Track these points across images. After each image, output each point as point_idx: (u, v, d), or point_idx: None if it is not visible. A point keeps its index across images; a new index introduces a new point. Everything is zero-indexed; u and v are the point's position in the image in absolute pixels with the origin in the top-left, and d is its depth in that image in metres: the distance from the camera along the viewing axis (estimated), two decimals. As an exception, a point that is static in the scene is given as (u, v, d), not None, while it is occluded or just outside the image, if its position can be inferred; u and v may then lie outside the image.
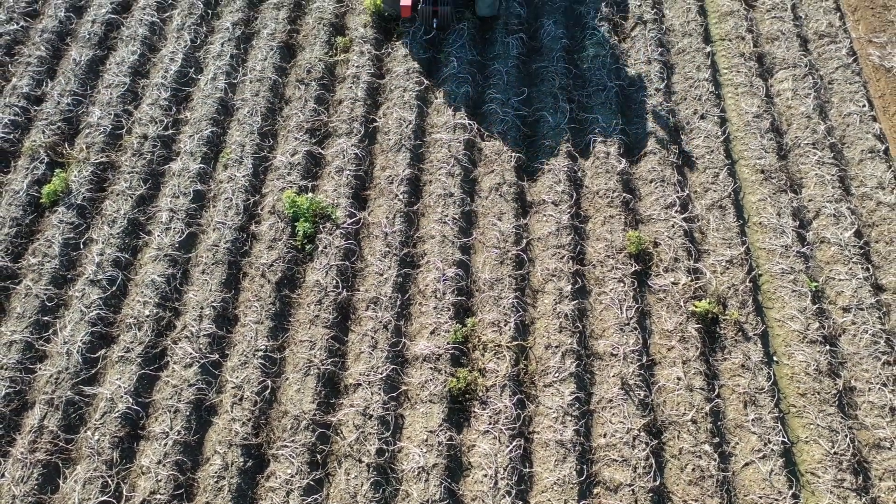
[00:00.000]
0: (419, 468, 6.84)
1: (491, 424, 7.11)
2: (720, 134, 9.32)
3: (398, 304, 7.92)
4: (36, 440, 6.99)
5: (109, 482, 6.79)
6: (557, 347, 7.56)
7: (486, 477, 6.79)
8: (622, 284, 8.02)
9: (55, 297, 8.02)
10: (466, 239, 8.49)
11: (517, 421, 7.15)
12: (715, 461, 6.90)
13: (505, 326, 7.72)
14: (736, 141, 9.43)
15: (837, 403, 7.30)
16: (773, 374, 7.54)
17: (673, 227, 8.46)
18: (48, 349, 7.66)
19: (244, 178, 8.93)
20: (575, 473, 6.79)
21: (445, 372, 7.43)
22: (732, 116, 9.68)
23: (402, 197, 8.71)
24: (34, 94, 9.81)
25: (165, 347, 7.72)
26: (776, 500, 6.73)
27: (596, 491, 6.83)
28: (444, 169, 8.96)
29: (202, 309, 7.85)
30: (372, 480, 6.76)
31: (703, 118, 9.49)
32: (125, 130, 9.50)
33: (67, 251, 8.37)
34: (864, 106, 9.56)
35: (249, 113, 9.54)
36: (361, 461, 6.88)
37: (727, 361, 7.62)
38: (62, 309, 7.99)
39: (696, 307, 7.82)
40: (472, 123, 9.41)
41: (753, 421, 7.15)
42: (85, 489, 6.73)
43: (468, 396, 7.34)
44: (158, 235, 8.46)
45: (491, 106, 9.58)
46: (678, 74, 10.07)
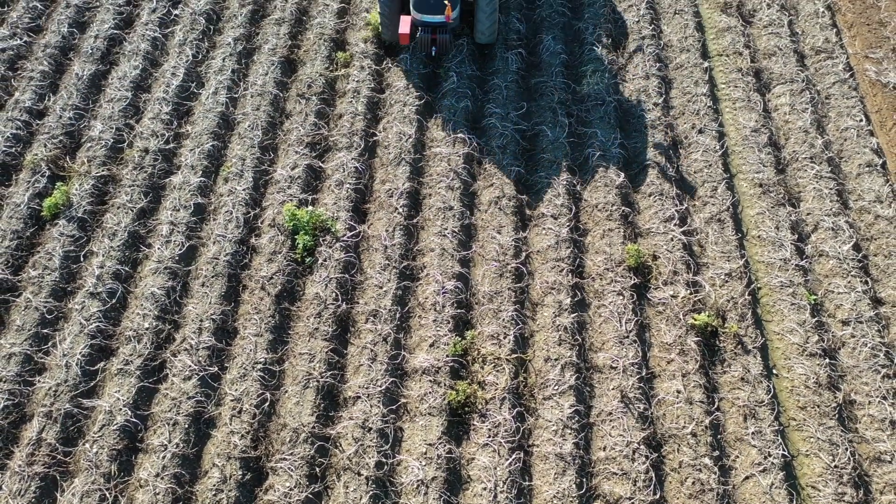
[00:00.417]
0: (418, 481, 6.82)
1: (490, 437, 7.09)
2: (718, 148, 9.37)
3: (398, 316, 7.93)
4: (34, 453, 6.96)
5: (107, 495, 6.76)
6: (557, 360, 7.56)
7: (485, 490, 6.77)
8: (621, 297, 8.03)
9: (55, 309, 8.03)
10: (466, 252, 8.51)
11: (516, 434, 7.13)
12: (715, 474, 6.88)
13: (504, 339, 7.72)
14: (734, 155, 9.48)
15: (837, 416, 7.28)
16: (772, 387, 7.53)
17: (672, 240, 8.48)
18: (47, 362, 7.66)
19: (245, 191, 8.97)
20: (574, 487, 6.76)
21: (445, 385, 7.42)
22: (730, 131, 9.73)
23: (401, 210, 8.74)
24: (36, 108, 9.88)
25: (165, 360, 7.71)
26: (777, 513, 6.71)
27: (596, 504, 6.81)
28: (443, 182, 9.00)
29: (202, 321, 7.85)
30: (371, 494, 6.73)
31: (701, 132, 9.55)
32: (126, 144, 9.56)
33: (68, 264, 8.39)
34: (861, 120, 9.62)
35: (250, 127, 9.60)
36: (360, 474, 6.86)
37: (727, 374, 7.61)
38: (62, 321, 8.00)
39: (695, 320, 7.83)
40: (471, 137, 9.46)
41: (753, 434, 7.13)
42: (83, 502, 6.70)
43: (467, 409, 7.33)
44: (159, 248, 8.48)
45: (490, 120, 9.64)
46: (676, 89, 10.15)
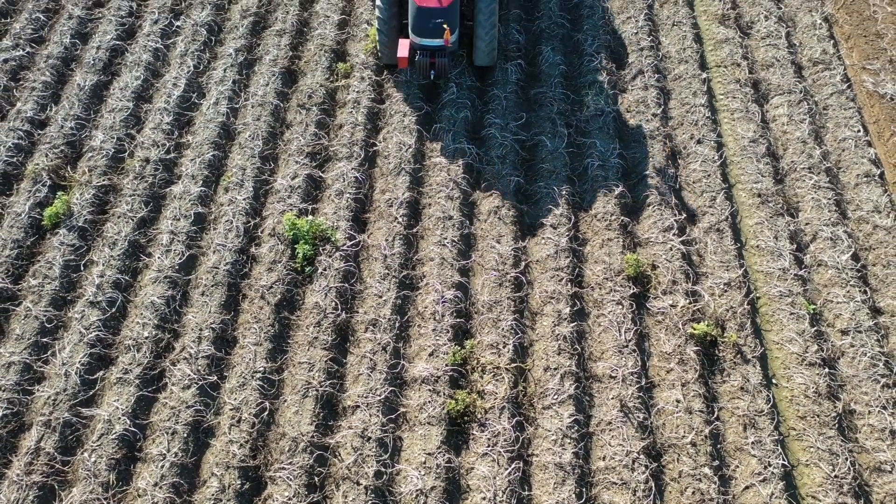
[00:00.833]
0: (417, 491, 6.80)
1: (490, 447, 7.07)
2: (717, 158, 9.41)
3: (397, 326, 7.93)
4: (32, 462, 6.95)
5: (105, 505, 6.75)
6: (556, 370, 7.56)
7: (484, 500, 6.74)
8: (621, 307, 8.04)
9: (54, 318, 8.03)
10: (465, 261, 8.53)
11: (516, 443, 7.12)
12: (715, 484, 6.85)
13: (504, 348, 7.72)
14: (733, 165, 9.52)
15: (837, 426, 7.27)
16: (772, 396, 7.52)
17: (671, 249, 8.50)
18: (46, 371, 7.65)
19: (245, 200, 9.00)
20: (574, 496, 6.74)
21: (444, 394, 7.41)
22: (729, 141, 9.77)
23: (401, 220, 8.76)
24: (38, 118, 9.93)
25: (164, 369, 7.71)
26: (777, 523, 6.68)
27: (595, 514, 6.78)
28: (443, 192, 9.03)
29: (201, 331, 7.86)
30: (370, 503, 6.71)
31: (700, 143, 9.59)
32: (127, 154, 9.59)
33: (68, 273, 8.40)
34: (858, 131, 9.66)
35: (251, 137, 9.64)
36: (359, 483, 6.84)
37: (726, 384, 7.61)
38: (61, 330, 8.00)
39: (694, 329, 7.83)
40: (471, 148, 9.50)
41: (753, 444, 7.12)
42: (80, 512, 6.68)
43: (467, 419, 7.32)
44: (159, 257, 8.49)
45: (490, 131, 9.68)
46: (675, 100, 10.20)
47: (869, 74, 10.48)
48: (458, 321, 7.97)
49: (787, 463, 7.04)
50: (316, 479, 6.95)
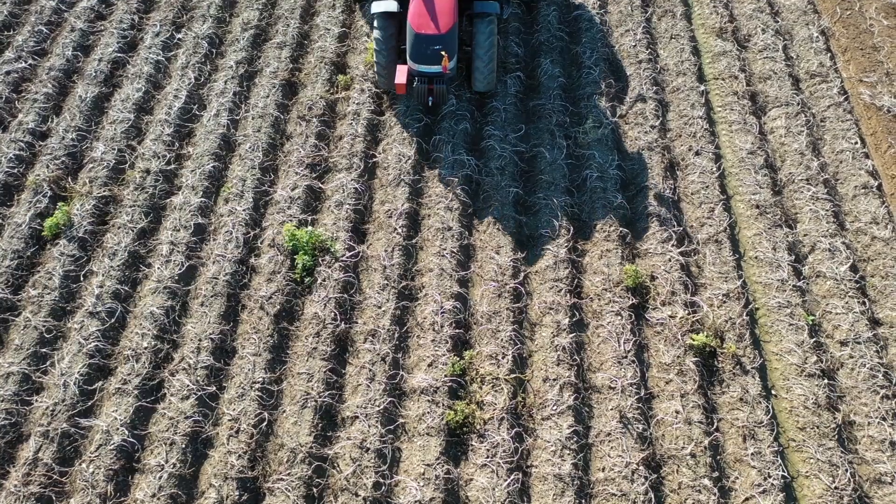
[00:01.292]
0: (416, 502, 6.77)
1: (489, 458, 7.06)
2: (715, 170, 9.45)
3: (396, 336, 7.94)
4: (30, 473, 6.93)
5: (103, 516, 6.72)
6: (555, 380, 7.55)
7: (483, 511, 6.72)
8: (620, 318, 8.04)
9: (54, 328, 8.03)
10: (464, 272, 8.54)
11: (515, 454, 7.11)
12: (715, 496, 6.84)
13: (503, 359, 7.72)
14: (731, 177, 9.55)
15: (837, 437, 7.26)
16: (771, 407, 7.52)
17: (669, 260, 8.52)
18: (45, 381, 7.65)
19: (245, 211, 9.02)
20: (573, 508, 6.72)
21: (443, 405, 7.40)
22: (727, 153, 9.82)
23: (400, 230, 8.79)
24: (40, 129, 9.98)
25: (163, 380, 7.70)
26: (777, 535, 6.66)
27: (595, 526, 6.76)
28: (442, 203, 9.06)
29: (200, 341, 7.86)
30: (368, 514, 6.69)
31: (698, 154, 9.63)
32: (128, 165, 9.63)
33: (67, 283, 8.41)
34: (856, 143, 9.71)
35: (251, 148, 9.69)
36: (358, 495, 6.82)
37: (725, 395, 7.60)
38: (60, 341, 8.00)
39: (693, 340, 7.83)
40: (470, 159, 9.54)
41: (753, 455, 7.10)
42: (78, 523, 6.66)
43: (466, 429, 7.31)
44: (158, 268, 8.51)
45: (489, 142, 9.73)
46: (673, 112, 10.25)
47: (866, 87, 10.54)
48: (457, 332, 7.98)
49: (786, 474, 7.02)
50: (314, 490, 6.93)
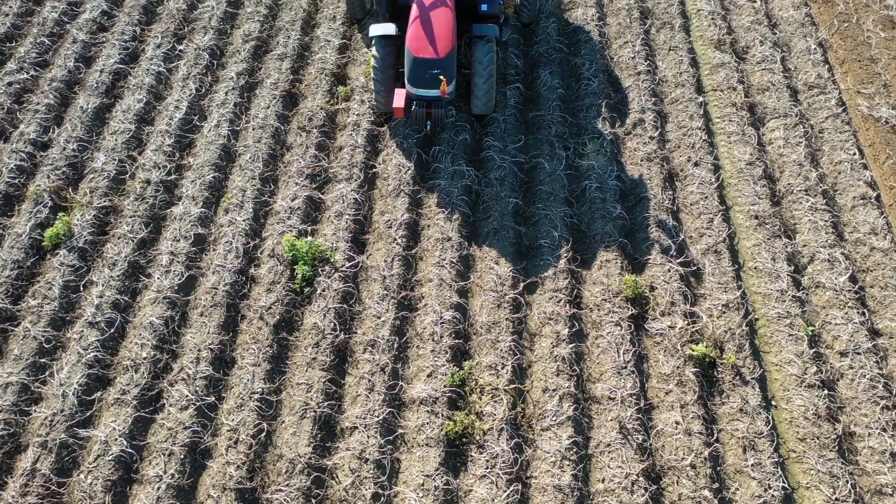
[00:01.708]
0: (415, 513, 6.75)
1: (488, 469, 7.04)
2: (714, 180, 9.47)
3: (395, 347, 7.93)
4: (28, 483, 6.90)
5: (100, 527, 6.69)
6: (555, 391, 7.54)
7: (483, 522, 6.69)
8: (619, 328, 8.04)
9: (53, 339, 8.03)
10: (464, 282, 8.54)
11: (514, 465, 7.08)
12: (715, 507, 6.81)
13: (502, 370, 7.71)
14: (730, 187, 9.58)
15: (837, 448, 7.24)
16: (771, 418, 7.50)
17: (669, 271, 8.52)
18: (44, 391, 7.63)
19: (245, 221, 9.04)
20: (573, 519, 6.69)
21: (442, 415, 7.39)
22: (726, 164, 9.85)
23: (400, 241, 8.80)
24: (41, 140, 10.01)
25: (162, 390, 7.69)
26: (778, 547, 6.63)
27: (595, 537, 6.73)
28: (442, 214, 9.08)
29: (199, 351, 7.85)
30: (367, 526, 6.66)
31: (697, 165, 9.66)
32: (129, 175, 9.66)
33: (67, 293, 8.41)
34: (854, 154, 9.74)
35: (251, 159, 9.72)
36: (357, 506, 6.79)
37: (725, 406, 7.58)
38: (59, 351, 7.99)
39: (693, 351, 7.82)
40: (470, 170, 9.57)
41: (753, 466, 7.08)
42: (75, 534, 6.63)
43: (465, 440, 7.29)
44: (158, 278, 8.51)
45: (489, 153, 9.76)
46: (672, 123, 10.29)
47: (863, 98, 10.59)
48: (456, 342, 7.97)
49: (787, 485, 7.00)
50: (313, 501, 6.90)
